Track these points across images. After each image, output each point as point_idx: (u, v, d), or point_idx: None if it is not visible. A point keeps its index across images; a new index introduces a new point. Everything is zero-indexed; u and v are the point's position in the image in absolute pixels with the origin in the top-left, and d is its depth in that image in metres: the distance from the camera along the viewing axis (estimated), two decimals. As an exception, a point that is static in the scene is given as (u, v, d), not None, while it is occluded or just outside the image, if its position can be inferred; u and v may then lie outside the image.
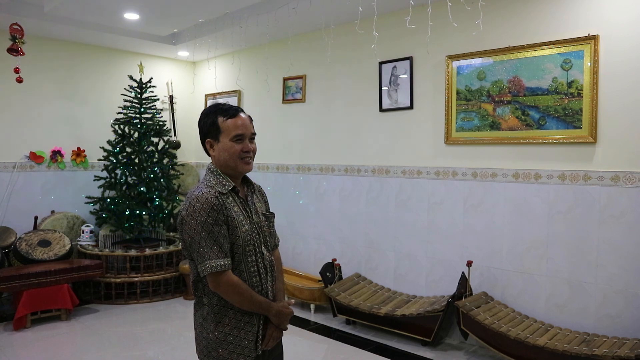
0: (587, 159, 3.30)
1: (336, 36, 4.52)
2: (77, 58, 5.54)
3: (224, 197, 1.78)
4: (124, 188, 5.11)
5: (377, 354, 3.70)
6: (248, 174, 1.92)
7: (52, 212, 5.30)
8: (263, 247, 1.87)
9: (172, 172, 5.44)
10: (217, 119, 1.84)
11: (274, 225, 2.01)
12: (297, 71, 5.12)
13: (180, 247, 5.20)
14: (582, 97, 3.29)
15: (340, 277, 4.44)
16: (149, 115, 5.27)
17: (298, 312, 4.66)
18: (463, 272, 3.67)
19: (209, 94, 6.28)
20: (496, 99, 3.69)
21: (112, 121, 5.21)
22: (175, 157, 5.56)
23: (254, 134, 1.90)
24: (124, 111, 5.21)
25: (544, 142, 3.47)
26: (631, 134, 3.13)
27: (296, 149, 5.20)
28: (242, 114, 1.87)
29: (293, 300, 1.98)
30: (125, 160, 5.09)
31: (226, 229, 1.74)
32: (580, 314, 3.30)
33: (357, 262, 4.60)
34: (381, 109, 4.41)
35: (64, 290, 4.33)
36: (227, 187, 1.80)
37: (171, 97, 6.30)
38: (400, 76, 4.26)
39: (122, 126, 5.18)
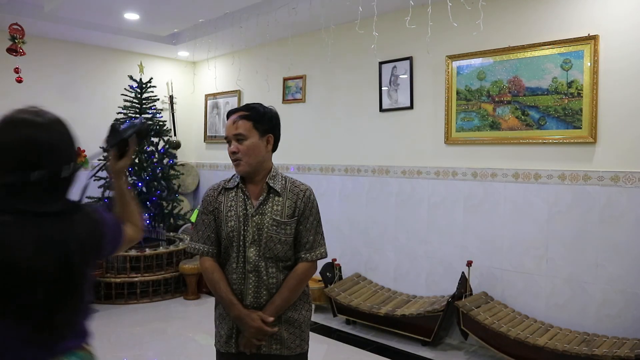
0: (587, 159, 3.30)
1: (336, 36, 4.52)
2: (77, 58, 5.54)
3: (227, 191, 1.87)
4: (124, 188, 5.10)
5: (377, 354, 3.70)
6: (293, 177, 1.94)
7: (52, 212, 5.30)
8: (252, 249, 1.79)
9: (172, 172, 5.44)
10: None
11: (292, 236, 1.82)
12: (297, 71, 5.12)
13: (180, 246, 5.23)
14: (582, 97, 3.29)
15: (340, 277, 4.44)
16: (149, 115, 5.27)
17: (298, 312, 4.66)
18: (463, 272, 3.67)
19: (209, 94, 6.29)
20: (496, 99, 3.69)
21: (112, 121, 5.20)
22: (175, 157, 5.56)
23: (238, 134, 1.80)
24: (124, 111, 5.21)
25: (544, 142, 3.47)
26: (631, 134, 3.13)
27: (296, 149, 5.20)
28: (233, 115, 1.86)
29: (271, 319, 1.76)
30: (125, 160, 5.08)
31: (212, 219, 1.87)
32: (580, 314, 3.30)
33: (357, 262, 4.60)
34: (381, 109, 4.41)
35: (64, 290, 4.33)
36: (233, 183, 1.88)
37: (171, 97, 6.31)
38: (400, 76, 4.26)
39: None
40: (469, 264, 3.64)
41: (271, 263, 1.81)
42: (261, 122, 1.83)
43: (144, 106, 5.25)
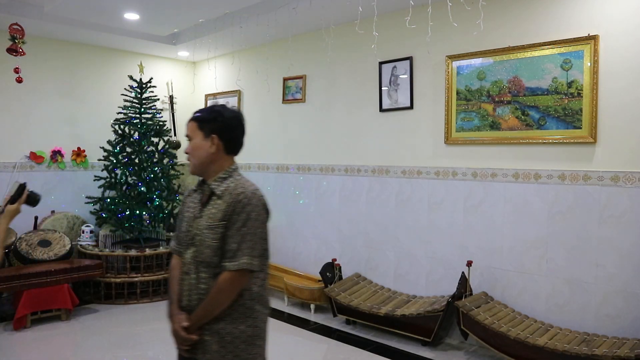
0: (587, 159, 3.30)
1: (336, 36, 4.52)
2: (77, 58, 5.53)
3: (193, 193, 1.91)
4: (124, 188, 5.11)
5: (377, 354, 3.70)
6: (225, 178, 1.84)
7: (52, 212, 5.30)
8: (189, 251, 1.81)
9: (172, 172, 5.44)
10: None
11: (220, 240, 1.74)
12: (297, 71, 5.12)
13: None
14: (582, 97, 3.29)
15: (340, 277, 4.44)
16: (149, 115, 5.27)
17: (298, 312, 4.67)
18: (463, 272, 3.67)
19: (209, 94, 6.29)
20: (496, 99, 3.69)
21: (112, 121, 5.21)
22: (175, 157, 5.56)
23: (187, 135, 1.88)
24: (124, 111, 5.21)
25: (544, 142, 3.47)
26: (631, 134, 3.13)
27: (296, 149, 5.20)
28: None
29: (185, 324, 1.76)
30: (125, 160, 5.09)
31: (181, 220, 1.92)
32: (580, 313, 3.30)
33: (357, 262, 4.60)
34: (381, 109, 4.41)
35: (64, 290, 4.33)
36: (197, 185, 1.92)
37: (171, 97, 6.30)
38: (400, 76, 4.26)
39: (122, 126, 5.18)
40: (469, 264, 3.64)
41: (203, 267, 1.77)
42: (206, 122, 1.83)
43: (144, 106, 5.24)
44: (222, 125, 1.83)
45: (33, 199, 2.10)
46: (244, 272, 1.72)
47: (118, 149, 5.11)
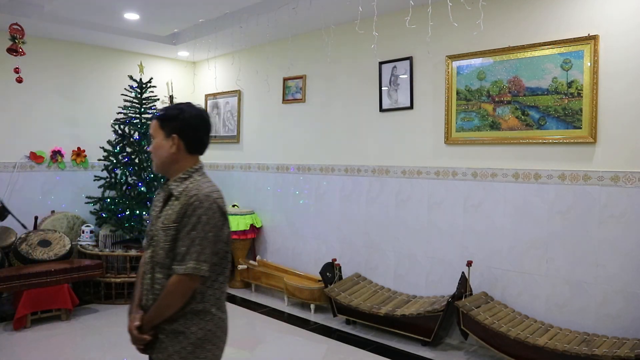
0: (587, 159, 3.30)
1: (336, 36, 4.52)
2: (77, 58, 5.53)
3: (161, 192, 1.88)
4: (124, 188, 5.11)
5: (377, 354, 3.70)
6: (182, 180, 1.81)
7: (52, 212, 5.30)
8: (148, 251, 1.81)
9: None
10: None
11: (172, 242, 1.72)
12: (297, 71, 5.12)
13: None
14: (582, 97, 3.29)
15: (340, 277, 4.44)
16: (149, 115, 5.27)
17: (298, 312, 4.67)
18: (463, 272, 3.67)
19: (209, 94, 6.28)
20: (496, 99, 3.69)
21: (112, 121, 5.21)
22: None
23: (150, 134, 1.86)
24: (124, 111, 5.21)
25: (544, 142, 3.47)
26: (631, 134, 3.13)
27: (296, 149, 5.20)
28: None
29: (137, 323, 1.76)
30: (125, 160, 5.09)
31: (149, 218, 1.92)
32: (580, 313, 3.30)
33: (357, 262, 4.60)
34: (381, 109, 4.41)
35: (64, 290, 4.33)
36: (162, 184, 1.90)
37: (171, 97, 6.30)
38: (400, 76, 4.26)
39: (122, 126, 5.18)
40: (469, 264, 3.64)
41: (159, 268, 1.76)
42: (167, 121, 1.80)
43: (144, 106, 5.24)
44: (183, 124, 1.78)
45: (1, 214, 2.45)
46: (192, 276, 1.69)
47: (118, 149, 5.11)
